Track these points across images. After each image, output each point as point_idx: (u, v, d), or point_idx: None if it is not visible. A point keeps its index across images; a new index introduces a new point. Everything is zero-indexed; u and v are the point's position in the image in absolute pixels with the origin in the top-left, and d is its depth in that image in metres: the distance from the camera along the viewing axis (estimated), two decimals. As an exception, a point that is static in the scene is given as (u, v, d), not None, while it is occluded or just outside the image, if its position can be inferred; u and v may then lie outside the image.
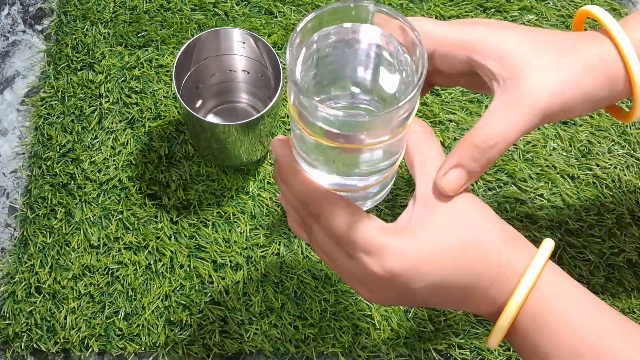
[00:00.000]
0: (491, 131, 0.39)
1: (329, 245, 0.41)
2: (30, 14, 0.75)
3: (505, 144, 0.39)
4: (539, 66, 0.40)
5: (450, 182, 0.39)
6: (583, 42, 0.42)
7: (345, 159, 0.40)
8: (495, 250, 0.39)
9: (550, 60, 0.40)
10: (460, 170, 0.39)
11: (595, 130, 0.69)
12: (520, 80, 0.40)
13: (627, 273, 0.63)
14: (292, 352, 0.59)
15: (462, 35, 0.41)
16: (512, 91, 0.40)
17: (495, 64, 0.41)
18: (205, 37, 0.59)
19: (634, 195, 0.66)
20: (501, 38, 0.41)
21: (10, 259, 0.62)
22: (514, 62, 0.40)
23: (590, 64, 0.41)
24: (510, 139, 0.39)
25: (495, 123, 0.39)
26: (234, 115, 0.68)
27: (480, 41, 0.41)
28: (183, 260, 0.61)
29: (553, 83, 0.40)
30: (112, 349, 0.59)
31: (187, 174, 0.65)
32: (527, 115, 0.39)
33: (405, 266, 0.38)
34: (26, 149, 0.67)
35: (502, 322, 0.39)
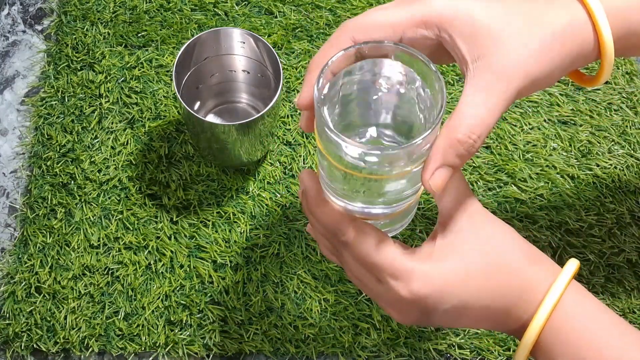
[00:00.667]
0: (472, 122, 0.38)
1: (359, 271, 0.42)
2: (30, 14, 0.75)
3: (487, 132, 0.39)
4: (508, 41, 0.39)
5: (438, 182, 0.39)
6: (550, 5, 0.40)
7: (371, 188, 0.41)
8: (520, 271, 0.40)
9: (520, 33, 0.39)
10: (445, 168, 0.39)
11: (595, 130, 0.69)
12: (492, 59, 0.39)
13: (627, 273, 0.63)
14: (292, 352, 0.59)
15: (427, 9, 0.40)
16: (485, 73, 0.39)
17: (464, 43, 0.39)
18: (205, 37, 0.59)
19: (634, 195, 0.66)
20: (469, 10, 0.39)
21: (10, 259, 0.62)
22: (483, 40, 0.39)
23: (559, 33, 0.39)
24: (491, 126, 0.39)
25: (474, 113, 0.38)
26: (234, 115, 0.68)
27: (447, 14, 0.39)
28: (183, 260, 0.61)
29: (524, 59, 0.39)
30: (112, 349, 0.59)
31: (187, 174, 0.65)
32: (504, 99, 0.39)
33: (431, 289, 0.40)
34: (26, 149, 0.67)
35: (527, 339, 0.40)
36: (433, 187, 0.39)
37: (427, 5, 0.39)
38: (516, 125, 0.68)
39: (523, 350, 0.41)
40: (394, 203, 0.44)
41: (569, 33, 0.40)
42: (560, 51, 0.39)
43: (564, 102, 0.70)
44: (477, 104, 0.38)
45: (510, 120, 0.68)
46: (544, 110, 0.69)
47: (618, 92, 0.71)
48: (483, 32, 0.39)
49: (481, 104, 0.38)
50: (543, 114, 0.69)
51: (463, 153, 0.39)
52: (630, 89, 0.71)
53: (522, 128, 0.68)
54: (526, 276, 0.41)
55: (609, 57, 0.40)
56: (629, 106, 0.70)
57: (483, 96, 0.38)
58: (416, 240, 0.62)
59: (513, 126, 0.68)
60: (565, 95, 0.70)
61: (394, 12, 0.40)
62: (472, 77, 0.39)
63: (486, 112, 0.38)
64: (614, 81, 0.71)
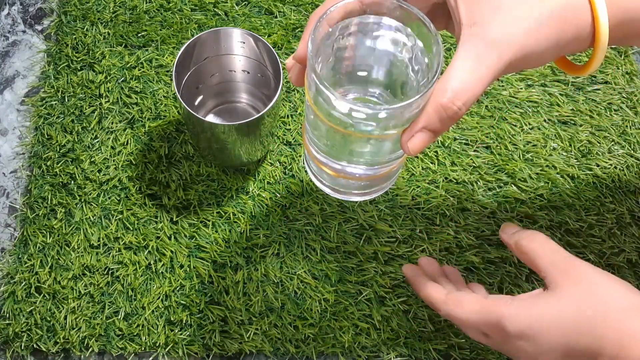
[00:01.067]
0: (458, 87, 0.38)
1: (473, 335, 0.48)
2: (30, 14, 0.75)
3: (472, 100, 0.38)
4: (507, 12, 0.38)
5: (416, 145, 0.39)
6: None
7: (355, 147, 0.40)
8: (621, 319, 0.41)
9: (519, 5, 0.39)
10: (425, 132, 0.39)
11: (595, 130, 0.69)
12: (487, 27, 0.38)
13: (627, 273, 0.63)
14: (292, 352, 0.59)
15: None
16: (478, 40, 0.38)
17: (464, 5, 0.39)
18: (205, 37, 0.59)
19: (634, 195, 0.66)
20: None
21: (10, 259, 0.62)
22: (483, 5, 0.39)
23: (557, 10, 0.39)
24: (477, 94, 0.38)
25: (462, 79, 0.38)
26: (234, 115, 0.68)
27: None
28: (183, 260, 0.61)
29: (519, 32, 0.38)
30: (112, 349, 0.59)
31: (187, 174, 0.65)
32: (493, 68, 0.38)
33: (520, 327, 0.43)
34: (26, 149, 0.67)
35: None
36: (411, 149, 0.39)
37: None
38: (516, 125, 0.68)
39: None
40: (376, 165, 0.43)
41: (567, 14, 0.39)
42: (556, 30, 0.39)
43: (564, 102, 0.70)
44: (466, 70, 0.38)
45: (510, 120, 0.68)
46: (544, 110, 0.69)
47: (618, 92, 0.71)
48: None
49: (470, 70, 0.38)
50: (543, 114, 0.69)
51: (445, 118, 0.38)
52: (630, 89, 0.71)
53: (522, 128, 0.68)
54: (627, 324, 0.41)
55: (603, 42, 0.40)
56: (629, 106, 0.70)
57: (473, 63, 0.38)
58: (416, 240, 0.62)
59: (513, 126, 0.68)
60: (565, 95, 0.70)
61: None
62: (465, 42, 0.39)
63: (474, 80, 0.38)
64: (614, 81, 0.71)
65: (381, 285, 0.61)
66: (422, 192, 0.65)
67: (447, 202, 0.64)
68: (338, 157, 0.43)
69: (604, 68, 0.72)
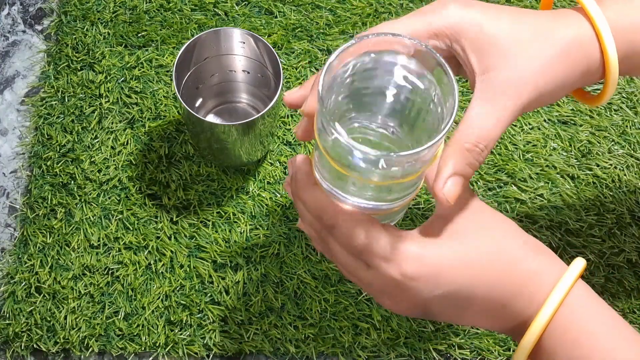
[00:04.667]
0: (480, 133, 0.39)
1: (347, 258, 0.40)
2: (30, 14, 0.75)
3: (493, 142, 0.39)
4: (517, 55, 0.39)
5: (452, 191, 0.39)
6: (559, 23, 0.41)
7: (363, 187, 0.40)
8: (523, 262, 0.39)
9: (527, 48, 0.39)
10: (457, 177, 0.39)
11: (595, 130, 0.69)
12: (500, 72, 0.39)
13: (627, 273, 0.63)
14: (292, 352, 0.59)
15: (441, 21, 0.40)
16: (493, 86, 0.39)
17: (474, 55, 0.40)
18: (205, 37, 0.59)
19: (634, 195, 0.66)
20: (480, 23, 0.40)
21: (10, 259, 0.62)
22: (493, 52, 0.39)
23: (566, 48, 0.40)
24: (497, 137, 0.39)
25: (482, 124, 0.39)
26: (234, 115, 0.68)
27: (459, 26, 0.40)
28: (183, 260, 0.61)
29: (531, 74, 0.39)
30: (112, 349, 0.59)
31: (187, 174, 0.65)
32: (510, 111, 0.39)
33: (425, 271, 0.38)
34: (26, 149, 0.67)
35: (529, 337, 0.38)
36: (447, 196, 0.38)
37: (440, 16, 0.40)
38: (516, 125, 0.68)
39: (523, 350, 0.38)
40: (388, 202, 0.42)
41: (575, 49, 0.40)
42: (567, 67, 0.40)
43: (564, 102, 0.70)
44: (485, 115, 0.39)
45: (510, 120, 0.68)
46: (544, 110, 0.69)
47: (618, 92, 0.71)
48: (493, 45, 0.39)
49: (488, 115, 0.39)
50: (543, 114, 0.69)
51: (473, 162, 0.39)
52: (630, 89, 0.71)
53: (522, 128, 0.68)
54: (529, 267, 0.39)
55: (614, 76, 0.40)
56: (629, 106, 0.70)
57: (490, 108, 0.39)
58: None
59: (513, 126, 0.68)
60: (565, 95, 0.70)
61: (407, 23, 0.40)
62: (480, 89, 0.39)
63: (493, 123, 0.39)
64: (614, 81, 0.71)
65: (381, 285, 0.61)
66: (422, 191, 0.65)
67: (447, 202, 0.64)
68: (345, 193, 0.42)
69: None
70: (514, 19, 0.40)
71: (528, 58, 0.39)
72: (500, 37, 0.39)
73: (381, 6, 0.73)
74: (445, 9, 0.40)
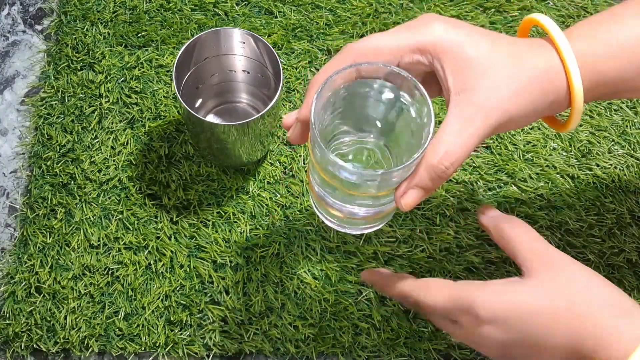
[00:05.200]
0: (447, 149, 0.41)
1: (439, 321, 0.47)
2: (30, 14, 0.75)
3: (461, 161, 0.42)
4: (491, 79, 0.42)
5: (409, 201, 0.42)
6: (532, 52, 0.43)
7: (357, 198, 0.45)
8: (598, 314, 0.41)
9: (501, 74, 0.42)
10: (417, 189, 0.42)
11: (595, 130, 0.69)
12: (474, 94, 0.42)
13: (627, 273, 0.63)
14: (292, 352, 0.59)
15: (425, 38, 0.43)
16: (466, 106, 0.42)
17: (451, 75, 0.42)
18: (205, 37, 0.59)
19: (634, 195, 0.66)
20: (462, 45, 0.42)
21: (10, 259, 0.62)
22: (469, 74, 0.42)
23: (536, 77, 0.42)
24: (466, 156, 0.42)
25: (451, 141, 0.41)
26: (234, 115, 0.68)
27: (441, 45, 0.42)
28: (183, 260, 0.61)
29: (502, 98, 0.42)
30: (112, 349, 0.59)
31: (187, 174, 0.65)
32: (480, 132, 0.41)
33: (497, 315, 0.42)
34: (26, 149, 0.67)
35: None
36: (404, 205, 0.43)
37: (424, 34, 0.43)
38: (516, 125, 0.68)
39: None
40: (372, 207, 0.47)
41: (546, 79, 0.42)
42: (537, 94, 0.42)
43: (564, 102, 0.70)
44: (455, 133, 0.41)
45: (510, 120, 0.68)
46: (544, 110, 0.69)
47: (618, 92, 0.71)
48: (470, 67, 0.42)
49: (458, 133, 0.41)
50: (543, 114, 0.69)
51: (435, 177, 0.42)
52: (630, 89, 0.71)
53: (522, 128, 0.68)
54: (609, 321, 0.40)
55: (578, 105, 0.43)
56: (629, 106, 0.70)
57: (461, 127, 0.41)
58: (416, 240, 0.63)
59: (513, 126, 0.68)
60: (565, 95, 0.70)
61: (394, 37, 0.43)
62: (453, 107, 0.42)
63: (461, 142, 0.41)
64: (614, 81, 0.71)
65: (381, 285, 0.61)
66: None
67: (447, 202, 0.64)
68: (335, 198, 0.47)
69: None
70: (492, 45, 0.43)
71: (501, 83, 0.42)
72: (478, 60, 0.42)
73: (381, 6, 0.73)
74: (431, 27, 0.42)
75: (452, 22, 0.43)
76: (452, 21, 0.43)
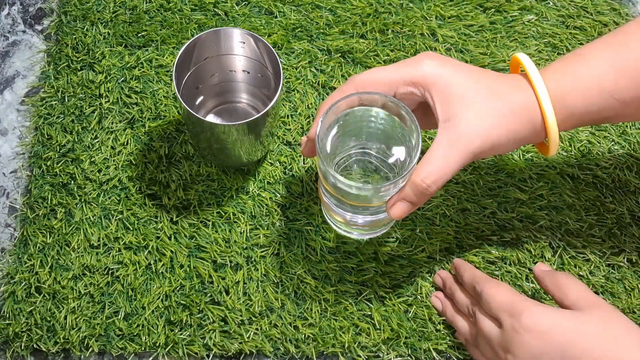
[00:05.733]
0: (430, 171, 0.48)
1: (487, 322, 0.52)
2: (30, 14, 0.75)
3: (442, 180, 0.48)
4: (474, 110, 0.48)
5: (397, 212, 0.50)
6: (511, 88, 0.49)
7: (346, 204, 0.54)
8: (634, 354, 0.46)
9: (484, 105, 0.48)
10: (405, 202, 0.50)
11: (595, 130, 0.69)
12: (458, 122, 0.48)
13: (627, 273, 0.63)
14: (292, 352, 0.59)
15: (417, 72, 0.49)
16: (450, 133, 0.48)
17: (440, 104, 0.49)
18: (205, 37, 0.59)
19: (634, 195, 0.66)
20: (448, 78, 0.49)
21: (10, 259, 0.62)
22: (455, 104, 0.48)
23: (515, 110, 0.48)
24: (447, 177, 0.48)
25: (434, 162, 0.48)
26: (234, 115, 0.68)
27: (431, 79, 0.49)
28: (183, 260, 0.61)
29: (484, 127, 0.48)
30: (112, 349, 0.59)
31: (187, 174, 0.65)
32: (461, 156, 0.48)
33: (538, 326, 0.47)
34: (26, 149, 0.67)
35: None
36: (392, 215, 0.50)
37: (417, 69, 0.49)
38: (516, 125, 0.68)
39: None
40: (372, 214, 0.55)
41: (523, 112, 0.49)
42: (515, 125, 0.48)
43: (564, 102, 0.70)
44: (439, 155, 0.48)
45: (510, 120, 0.69)
46: (544, 110, 0.69)
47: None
48: (455, 99, 0.48)
49: (441, 157, 0.48)
50: (543, 114, 0.69)
51: (418, 194, 0.49)
52: (630, 89, 0.71)
53: (522, 128, 0.68)
54: None
55: (554, 135, 0.49)
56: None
57: (444, 151, 0.48)
58: (416, 240, 0.63)
59: (513, 126, 0.68)
60: (565, 95, 0.70)
61: (391, 71, 0.50)
62: (440, 133, 0.48)
63: (443, 164, 0.48)
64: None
65: (381, 285, 0.61)
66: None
67: (447, 202, 0.64)
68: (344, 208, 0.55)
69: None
70: (476, 79, 0.49)
71: (483, 114, 0.48)
72: (463, 93, 0.48)
73: (381, 6, 0.73)
74: (422, 64, 0.49)
75: (441, 59, 0.50)
76: (442, 58, 0.50)
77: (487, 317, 0.52)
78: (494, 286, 0.52)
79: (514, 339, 0.48)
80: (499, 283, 0.53)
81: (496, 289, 0.52)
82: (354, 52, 0.70)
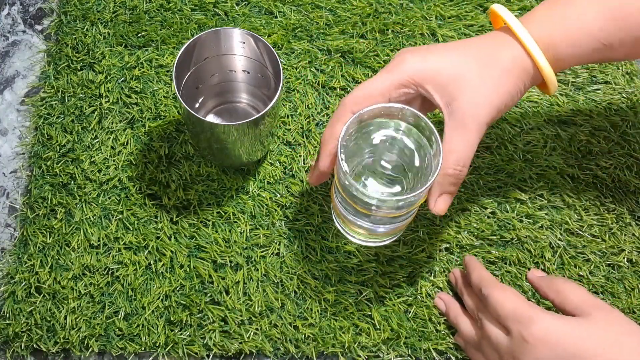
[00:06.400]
0: (456, 157, 0.49)
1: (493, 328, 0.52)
2: (30, 14, 0.75)
3: (469, 160, 0.49)
4: (470, 86, 0.48)
5: (441, 207, 0.51)
6: (498, 47, 0.50)
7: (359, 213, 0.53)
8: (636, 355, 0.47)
9: (477, 77, 0.49)
10: (445, 196, 0.51)
11: (595, 130, 0.69)
12: (460, 103, 0.48)
13: (627, 273, 0.63)
14: (292, 352, 0.59)
15: (402, 76, 0.50)
16: (457, 115, 0.49)
17: (436, 92, 0.49)
18: (205, 37, 0.59)
19: (634, 195, 0.66)
20: (435, 68, 0.49)
21: (10, 259, 0.62)
22: (450, 86, 0.49)
23: (507, 68, 0.49)
24: (471, 156, 0.49)
25: (456, 149, 0.49)
26: (234, 115, 0.68)
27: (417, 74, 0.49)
28: (183, 260, 0.61)
29: (485, 97, 0.48)
30: (112, 349, 0.59)
31: (187, 174, 0.65)
32: (477, 130, 0.49)
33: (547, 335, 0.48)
34: (26, 149, 0.67)
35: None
36: (438, 211, 0.51)
37: (401, 71, 0.50)
38: (516, 126, 0.68)
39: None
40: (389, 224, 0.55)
41: (515, 66, 0.49)
42: (511, 82, 0.49)
43: (564, 102, 0.70)
44: (456, 141, 0.49)
45: (510, 120, 0.68)
46: (544, 110, 0.69)
47: (618, 92, 0.71)
48: (450, 82, 0.49)
49: (458, 140, 0.49)
50: (543, 114, 0.69)
51: (454, 181, 0.50)
52: (630, 89, 0.71)
53: (522, 128, 0.68)
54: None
55: (550, 78, 0.50)
56: (629, 106, 0.70)
57: (458, 134, 0.49)
58: (416, 240, 0.63)
59: (513, 126, 0.68)
60: (565, 95, 0.70)
61: (378, 81, 0.51)
62: (448, 118, 0.49)
63: (464, 146, 0.49)
64: (614, 81, 0.71)
65: (381, 285, 0.61)
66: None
67: (447, 202, 0.64)
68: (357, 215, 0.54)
69: (604, 68, 0.72)
70: (462, 54, 0.50)
71: (480, 84, 0.49)
72: (454, 74, 0.49)
73: (381, 6, 0.73)
74: (404, 64, 0.50)
75: (421, 52, 0.50)
76: (422, 51, 0.50)
77: (494, 323, 0.52)
78: (500, 291, 0.52)
79: (524, 349, 0.48)
80: (505, 288, 0.53)
81: (503, 294, 0.52)
82: (354, 52, 0.70)
